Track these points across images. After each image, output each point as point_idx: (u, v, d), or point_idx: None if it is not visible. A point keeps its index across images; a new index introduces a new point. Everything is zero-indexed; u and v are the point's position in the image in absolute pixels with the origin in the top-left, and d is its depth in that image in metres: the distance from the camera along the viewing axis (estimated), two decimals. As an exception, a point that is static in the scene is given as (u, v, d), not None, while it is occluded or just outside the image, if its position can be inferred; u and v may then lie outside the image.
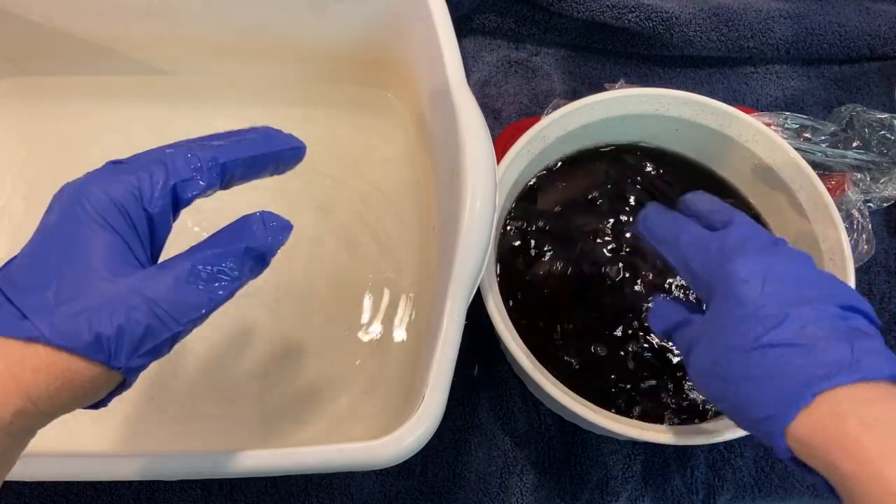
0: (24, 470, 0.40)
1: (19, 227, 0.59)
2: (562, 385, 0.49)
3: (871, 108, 0.67)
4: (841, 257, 0.51)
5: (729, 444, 0.59)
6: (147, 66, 0.63)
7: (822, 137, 0.65)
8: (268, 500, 0.56)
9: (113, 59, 0.62)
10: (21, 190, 0.60)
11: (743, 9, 0.72)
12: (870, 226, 0.62)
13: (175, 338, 0.33)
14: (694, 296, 0.54)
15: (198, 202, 0.36)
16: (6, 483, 0.32)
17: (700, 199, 0.44)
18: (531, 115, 0.68)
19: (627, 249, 0.55)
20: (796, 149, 0.54)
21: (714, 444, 0.59)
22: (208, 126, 0.61)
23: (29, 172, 0.61)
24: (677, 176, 0.58)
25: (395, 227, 0.61)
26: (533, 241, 0.56)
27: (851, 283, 0.50)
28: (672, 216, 0.43)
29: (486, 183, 0.44)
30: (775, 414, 0.34)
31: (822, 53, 0.73)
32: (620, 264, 0.55)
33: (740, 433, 0.47)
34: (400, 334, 0.57)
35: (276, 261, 0.57)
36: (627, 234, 0.56)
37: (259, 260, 0.36)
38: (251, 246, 0.35)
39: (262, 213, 0.37)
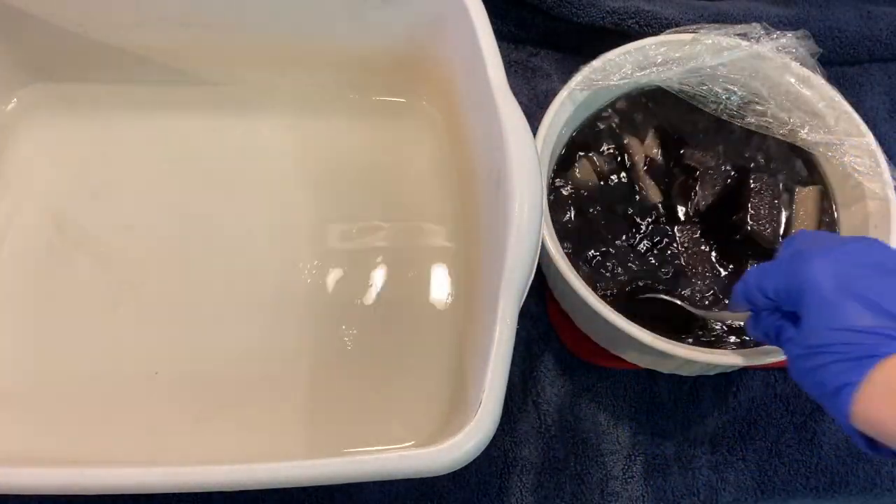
0: (35, 483, 0.40)
1: (53, 238, 0.59)
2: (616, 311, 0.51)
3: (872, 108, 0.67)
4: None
5: (731, 447, 0.59)
6: (181, 75, 0.63)
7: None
8: (268, 500, 0.56)
9: (148, 69, 0.62)
10: (53, 201, 0.60)
11: (743, 15, 0.72)
12: None
13: None
14: None
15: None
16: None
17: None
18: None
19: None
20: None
21: (717, 447, 0.59)
22: (242, 136, 0.63)
23: (62, 182, 0.61)
24: None
25: (430, 231, 0.61)
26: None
27: None
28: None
29: (532, 188, 0.44)
30: (837, 395, 0.37)
31: (822, 59, 0.73)
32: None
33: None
34: (439, 336, 0.57)
35: (309, 266, 0.58)
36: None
37: None
38: None
39: None
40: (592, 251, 0.56)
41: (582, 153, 0.59)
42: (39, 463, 0.41)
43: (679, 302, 0.54)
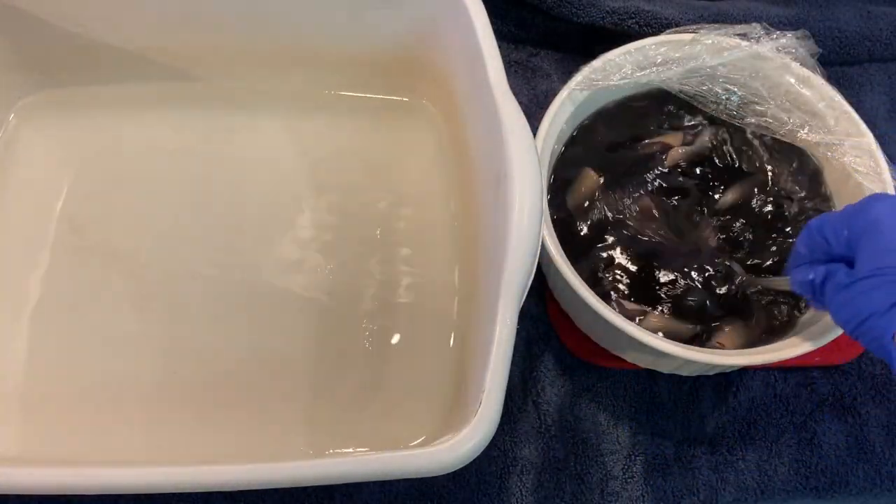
0: (35, 483, 0.40)
1: (66, 238, 0.59)
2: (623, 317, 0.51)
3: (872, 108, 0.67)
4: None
5: (731, 447, 0.59)
6: (183, 75, 0.63)
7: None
8: (268, 500, 0.56)
9: (149, 69, 0.62)
10: (58, 203, 0.60)
11: (743, 15, 0.72)
12: None
13: None
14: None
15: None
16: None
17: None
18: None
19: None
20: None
21: (717, 447, 0.59)
22: (245, 135, 0.63)
23: (66, 184, 0.60)
24: None
25: (431, 231, 0.61)
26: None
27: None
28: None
29: (532, 187, 0.44)
30: (889, 313, 0.39)
31: (822, 59, 0.73)
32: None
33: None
34: (439, 336, 0.57)
35: (309, 266, 0.58)
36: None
37: None
38: None
39: None
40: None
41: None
42: (48, 465, 0.42)
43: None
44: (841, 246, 0.44)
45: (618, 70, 0.57)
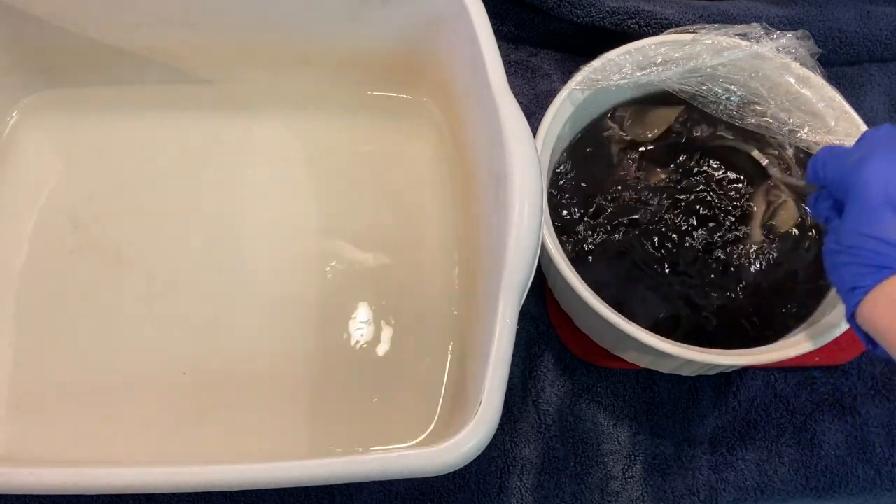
0: (35, 483, 0.40)
1: (67, 238, 0.59)
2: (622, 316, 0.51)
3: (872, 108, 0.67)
4: None
5: (731, 447, 0.59)
6: (183, 75, 0.63)
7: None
8: (268, 500, 0.56)
9: (149, 69, 0.62)
10: (59, 203, 0.60)
11: (743, 15, 0.72)
12: None
13: None
14: None
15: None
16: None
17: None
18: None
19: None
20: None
21: (717, 447, 0.59)
22: (245, 135, 0.63)
23: (66, 185, 0.60)
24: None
25: (431, 231, 0.60)
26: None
27: None
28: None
29: (532, 187, 0.44)
30: (850, 293, 0.41)
31: (822, 59, 0.73)
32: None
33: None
34: (439, 337, 0.57)
35: (310, 266, 0.58)
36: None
37: None
38: None
39: None
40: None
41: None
42: (48, 465, 0.42)
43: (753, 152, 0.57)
44: (837, 190, 0.44)
45: (618, 70, 0.57)
